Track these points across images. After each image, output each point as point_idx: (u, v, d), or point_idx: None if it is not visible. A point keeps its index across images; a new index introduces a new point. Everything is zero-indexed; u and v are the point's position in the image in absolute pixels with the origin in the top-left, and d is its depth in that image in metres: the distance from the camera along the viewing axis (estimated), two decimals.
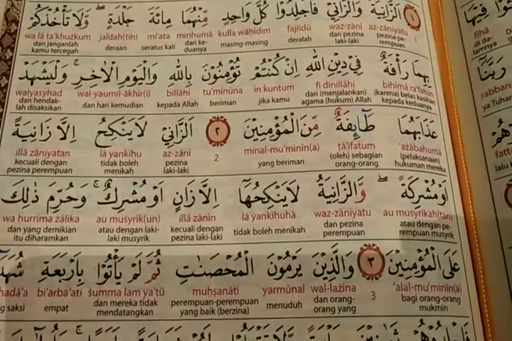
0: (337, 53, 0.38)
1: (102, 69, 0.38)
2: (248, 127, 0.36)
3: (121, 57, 0.39)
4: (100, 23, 0.40)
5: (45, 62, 0.38)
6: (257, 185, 0.35)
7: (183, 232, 0.34)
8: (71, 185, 0.35)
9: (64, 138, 0.36)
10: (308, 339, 0.32)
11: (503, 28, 0.37)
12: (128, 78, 0.38)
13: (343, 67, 0.37)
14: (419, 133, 0.36)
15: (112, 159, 0.36)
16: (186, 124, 0.37)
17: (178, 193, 0.35)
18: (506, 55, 0.36)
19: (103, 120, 0.37)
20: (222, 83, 0.38)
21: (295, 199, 0.35)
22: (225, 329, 0.32)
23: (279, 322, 0.32)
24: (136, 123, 0.37)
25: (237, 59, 0.38)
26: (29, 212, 0.34)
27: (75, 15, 0.40)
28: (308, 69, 0.37)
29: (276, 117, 0.36)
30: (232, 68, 0.38)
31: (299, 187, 0.35)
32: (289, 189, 0.35)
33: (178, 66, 0.38)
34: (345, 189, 0.34)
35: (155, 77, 0.38)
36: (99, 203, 0.35)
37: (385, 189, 0.34)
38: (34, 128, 0.36)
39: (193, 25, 0.39)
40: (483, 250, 0.34)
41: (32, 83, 0.38)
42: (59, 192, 0.35)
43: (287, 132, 0.36)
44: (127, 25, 0.40)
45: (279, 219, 0.34)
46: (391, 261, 0.33)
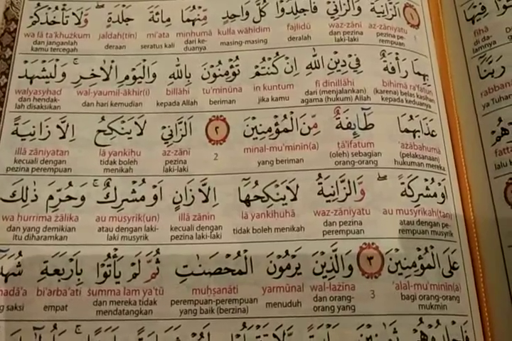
0: (336, 52, 0.38)
1: (102, 68, 0.38)
2: (247, 126, 0.36)
3: (120, 55, 0.39)
4: (100, 21, 0.40)
5: (44, 61, 0.38)
6: (256, 183, 0.35)
7: (182, 231, 0.34)
8: (70, 184, 0.35)
9: (63, 137, 0.36)
10: (308, 338, 0.32)
11: (503, 26, 0.37)
12: (127, 77, 0.38)
13: (342, 65, 0.37)
14: (419, 131, 0.36)
15: (112, 158, 0.36)
16: (186, 123, 0.37)
17: (177, 192, 0.35)
18: (506, 54, 0.36)
19: (102, 119, 0.37)
20: (222, 82, 0.38)
21: (294, 198, 0.34)
22: (224, 328, 0.32)
23: (279, 321, 0.32)
24: (136, 122, 0.37)
25: (237, 58, 0.38)
26: (28, 212, 0.34)
27: (74, 14, 0.40)
28: (307, 68, 0.37)
29: (276, 116, 0.36)
30: (231, 67, 0.38)
31: (298, 186, 0.35)
32: (288, 188, 0.35)
33: (178, 65, 0.38)
34: (344, 188, 0.34)
35: (154, 75, 0.38)
36: (99, 202, 0.35)
37: (385, 187, 0.34)
38: (33, 127, 0.36)
39: (193, 24, 0.39)
40: (483, 248, 0.34)
41: (31, 82, 0.38)
42: (58, 191, 0.35)
43: (287, 131, 0.36)
44: (127, 24, 0.39)
45: (278, 218, 0.34)
46: (390, 259, 0.33)
